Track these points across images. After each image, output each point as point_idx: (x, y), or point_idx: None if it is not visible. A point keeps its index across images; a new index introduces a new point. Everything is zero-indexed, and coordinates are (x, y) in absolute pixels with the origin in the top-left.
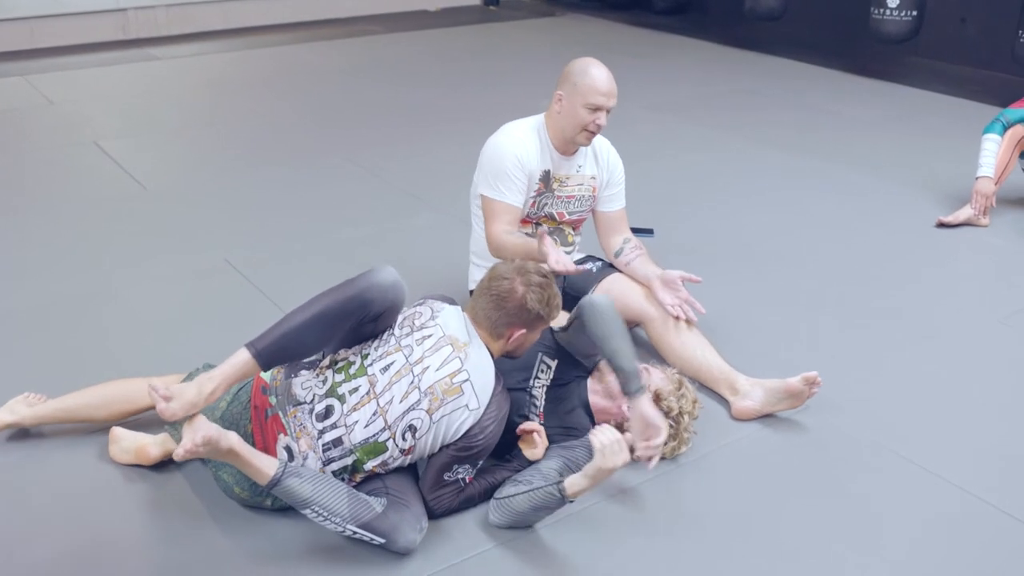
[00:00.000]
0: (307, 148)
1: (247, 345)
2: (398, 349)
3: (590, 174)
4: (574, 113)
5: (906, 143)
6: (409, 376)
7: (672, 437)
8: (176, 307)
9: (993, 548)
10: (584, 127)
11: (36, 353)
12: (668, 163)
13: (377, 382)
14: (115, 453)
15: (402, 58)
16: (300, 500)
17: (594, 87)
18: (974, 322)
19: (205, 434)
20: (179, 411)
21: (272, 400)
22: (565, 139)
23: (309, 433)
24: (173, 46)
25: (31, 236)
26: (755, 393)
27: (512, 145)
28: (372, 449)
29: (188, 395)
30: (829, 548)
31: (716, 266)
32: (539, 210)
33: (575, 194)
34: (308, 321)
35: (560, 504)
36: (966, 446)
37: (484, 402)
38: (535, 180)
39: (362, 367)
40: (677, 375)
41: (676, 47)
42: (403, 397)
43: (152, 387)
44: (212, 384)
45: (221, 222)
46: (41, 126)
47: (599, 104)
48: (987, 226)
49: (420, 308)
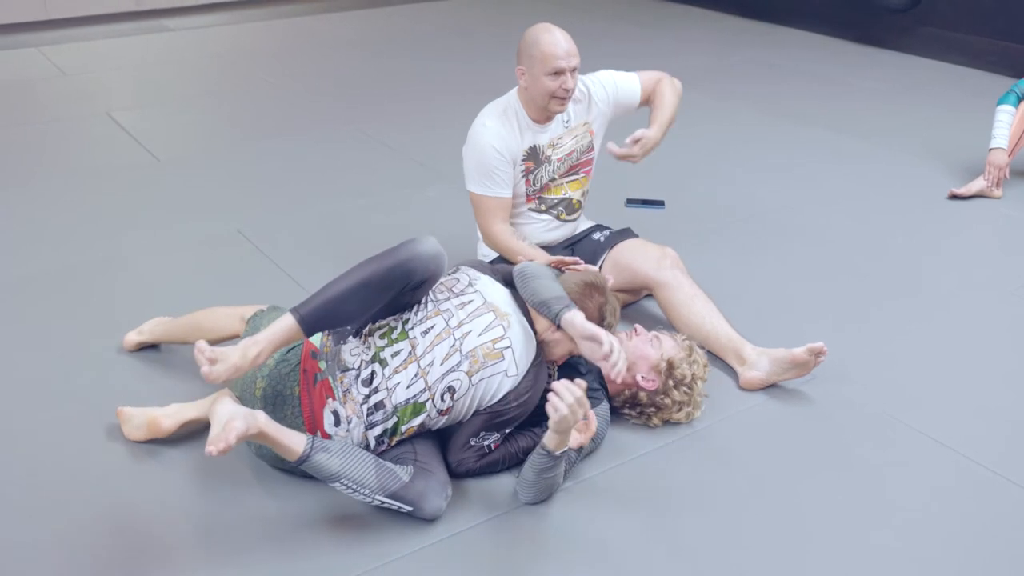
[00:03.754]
0: (319, 119)
1: (291, 310)
2: (437, 313)
3: (582, 121)
4: (539, 84)
5: (919, 114)
6: (450, 339)
7: (686, 403)
8: (188, 277)
9: (1001, 518)
10: (552, 94)
11: (52, 320)
12: (678, 135)
13: (418, 344)
14: (129, 432)
15: (415, 29)
16: (329, 474)
17: (550, 53)
18: (985, 293)
19: (239, 434)
20: (223, 374)
21: (322, 365)
22: (538, 110)
23: (354, 399)
24: (186, 17)
25: (46, 206)
26: (761, 363)
27: (489, 137)
28: (412, 410)
29: (233, 358)
30: (838, 517)
31: (726, 237)
32: (536, 184)
33: (573, 147)
34: (352, 288)
35: (553, 460)
36: (975, 416)
37: (523, 369)
38: (519, 162)
39: (403, 332)
40: (687, 341)
41: (685, 17)
42: (444, 359)
43: (199, 348)
44: (257, 348)
45: (233, 192)
46: (54, 97)
47: (559, 68)
48: (1000, 198)
49: (457, 275)
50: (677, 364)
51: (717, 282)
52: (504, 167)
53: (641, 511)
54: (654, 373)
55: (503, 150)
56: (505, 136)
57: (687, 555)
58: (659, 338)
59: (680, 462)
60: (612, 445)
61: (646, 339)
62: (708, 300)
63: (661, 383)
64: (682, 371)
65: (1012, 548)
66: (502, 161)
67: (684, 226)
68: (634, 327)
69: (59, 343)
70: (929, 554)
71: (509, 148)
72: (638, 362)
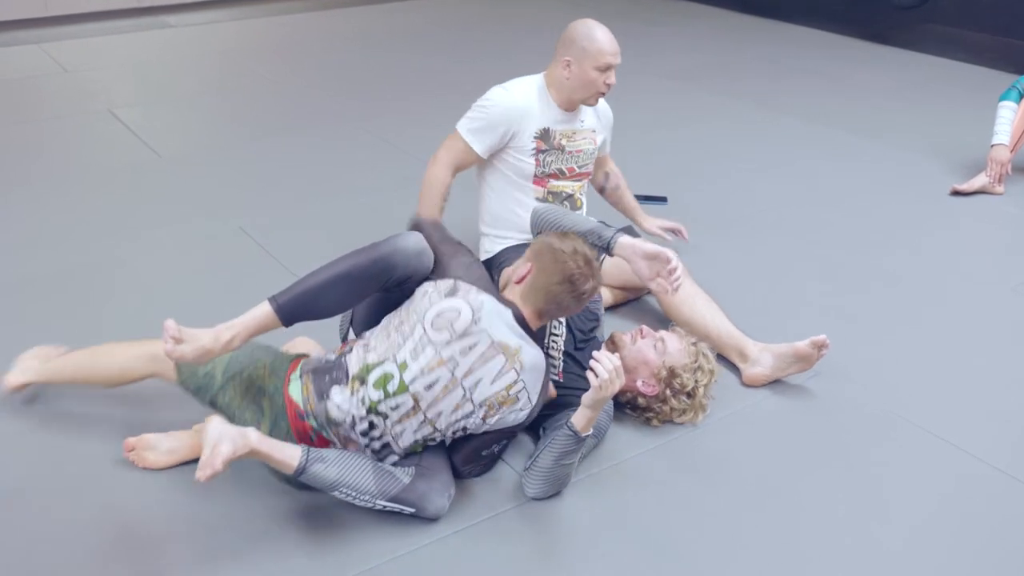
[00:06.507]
0: (321, 116)
1: (269, 299)
2: (441, 363)
3: (591, 127)
4: (585, 76)
5: (921, 111)
6: (459, 390)
7: (687, 410)
8: (190, 274)
9: (1003, 514)
10: (597, 89)
11: (52, 319)
12: (682, 131)
13: (421, 399)
14: (156, 460)
15: (417, 26)
16: (328, 484)
17: (604, 48)
18: (987, 290)
19: (226, 458)
20: (190, 355)
21: (312, 423)
22: (573, 100)
23: (355, 442)
24: (188, 14)
25: (47, 204)
26: (764, 359)
27: (508, 99)
28: (422, 444)
29: (203, 340)
30: (840, 514)
31: (728, 233)
32: (545, 168)
33: (583, 148)
34: (331, 280)
35: (578, 442)
36: (976, 413)
37: (536, 397)
38: (530, 136)
39: (402, 384)
40: (694, 346)
41: (690, 14)
42: (454, 409)
43: (166, 326)
44: (230, 333)
45: (235, 189)
46: (56, 94)
47: (610, 63)
48: (1002, 194)
49: (456, 302)
50: (679, 372)
51: (719, 278)
52: (505, 132)
53: (643, 508)
54: (655, 379)
55: (515, 118)
56: (531, 101)
57: (689, 552)
58: (664, 341)
59: (682, 459)
60: (613, 442)
61: (650, 342)
62: (709, 298)
63: (661, 390)
64: (682, 380)
65: (1015, 544)
66: (513, 123)
67: (686, 222)
68: (640, 328)
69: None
70: (931, 552)
71: (526, 112)
72: (639, 367)
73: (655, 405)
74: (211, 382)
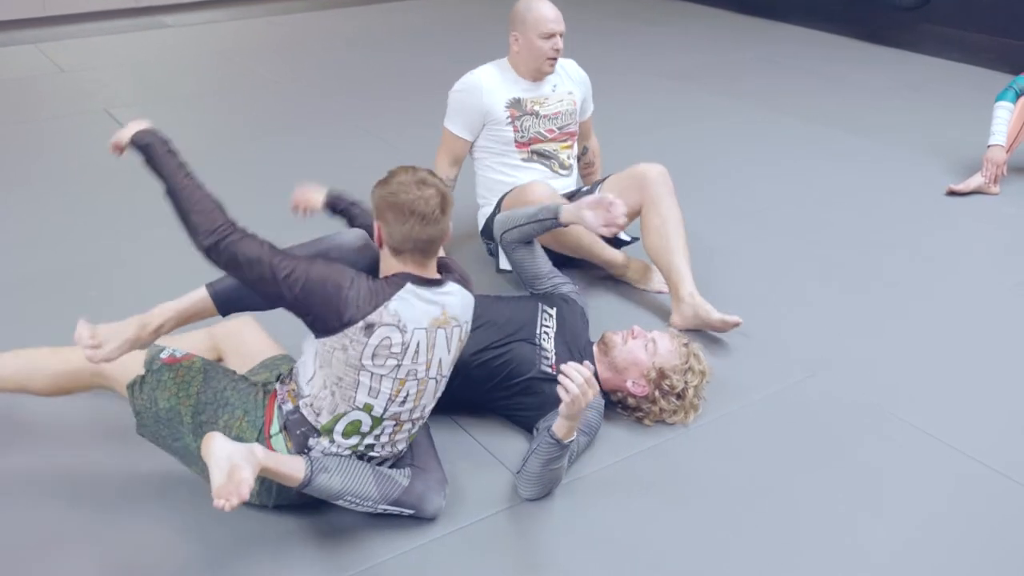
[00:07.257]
0: (320, 115)
1: (207, 285)
2: (402, 382)
3: (567, 90)
4: (532, 46)
5: (918, 111)
6: (431, 383)
7: (677, 410)
8: (190, 274)
9: (998, 513)
10: (545, 55)
11: (52, 320)
12: (681, 131)
13: (401, 414)
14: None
15: (417, 26)
16: (332, 494)
17: (544, 16)
18: (983, 290)
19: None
20: (116, 352)
21: None
22: (531, 70)
23: None
24: (185, 14)
25: (45, 204)
26: (686, 311)
27: (478, 75)
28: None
29: (127, 332)
30: (834, 513)
31: (727, 233)
32: (525, 132)
33: (559, 109)
34: None
35: (562, 448)
36: (972, 412)
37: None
38: (502, 108)
39: (375, 419)
40: (686, 347)
41: (689, 14)
42: (435, 394)
43: (78, 336)
44: (161, 318)
45: (233, 190)
46: (53, 94)
47: (552, 31)
48: (998, 194)
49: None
50: (668, 373)
51: (716, 276)
52: (475, 110)
53: (639, 506)
54: (644, 380)
55: (486, 90)
56: (495, 80)
57: (684, 550)
58: (655, 342)
59: (676, 458)
60: (608, 441)
61: (641, 343)
62: (680, 225)
63: (650, 391)
64: (672, 382)
65: (1008, 543)
66: (477, 100)
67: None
68: (631, 328)
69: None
70: (927, 551)
71: (493, 91)
72: (630, 368)
73: (645, 405)
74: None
